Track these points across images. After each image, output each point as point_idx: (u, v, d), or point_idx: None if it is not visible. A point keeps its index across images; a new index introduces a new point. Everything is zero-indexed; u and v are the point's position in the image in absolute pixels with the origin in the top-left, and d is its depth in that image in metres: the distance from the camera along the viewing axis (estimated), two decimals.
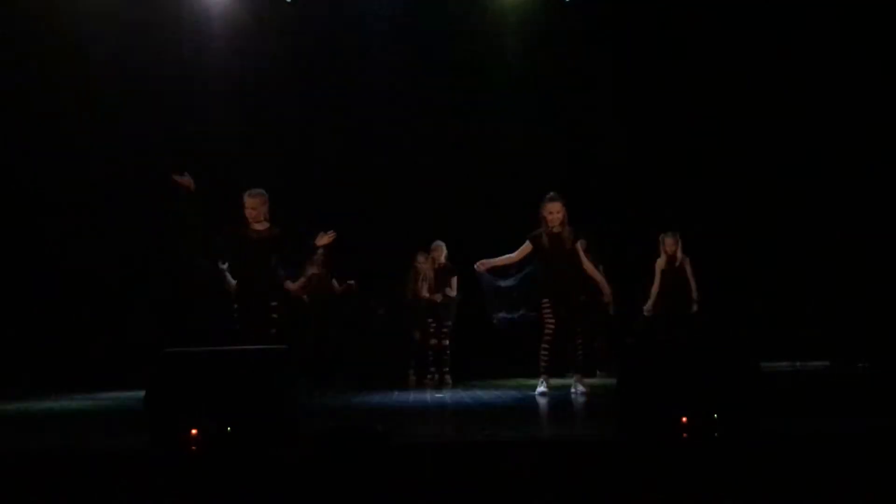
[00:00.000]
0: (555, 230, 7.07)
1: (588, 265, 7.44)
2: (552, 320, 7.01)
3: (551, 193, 7.16)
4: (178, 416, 4.16)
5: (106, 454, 4.29)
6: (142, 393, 4.32)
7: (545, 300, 7.06)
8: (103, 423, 6.28)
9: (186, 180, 6.79)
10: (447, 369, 9.16)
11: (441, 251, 9.28)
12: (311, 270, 9.08)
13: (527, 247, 7.18)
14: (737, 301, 9.94)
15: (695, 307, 8.63)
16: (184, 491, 3.89)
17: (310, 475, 3.85)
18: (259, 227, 6.94)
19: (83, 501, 3.88)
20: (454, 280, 9.21)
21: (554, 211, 7.06)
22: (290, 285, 8.94)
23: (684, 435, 4.14)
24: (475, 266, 7.29)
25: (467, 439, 4.62)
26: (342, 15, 10.44)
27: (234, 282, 7.35)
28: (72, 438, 5.16)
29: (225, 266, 7.59)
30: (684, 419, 4.15)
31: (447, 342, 9.22)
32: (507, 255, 7.29)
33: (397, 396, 7.62)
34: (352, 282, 9.35)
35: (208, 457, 4.05)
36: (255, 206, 6.89)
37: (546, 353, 7.06)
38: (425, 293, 9.19)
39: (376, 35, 10.33)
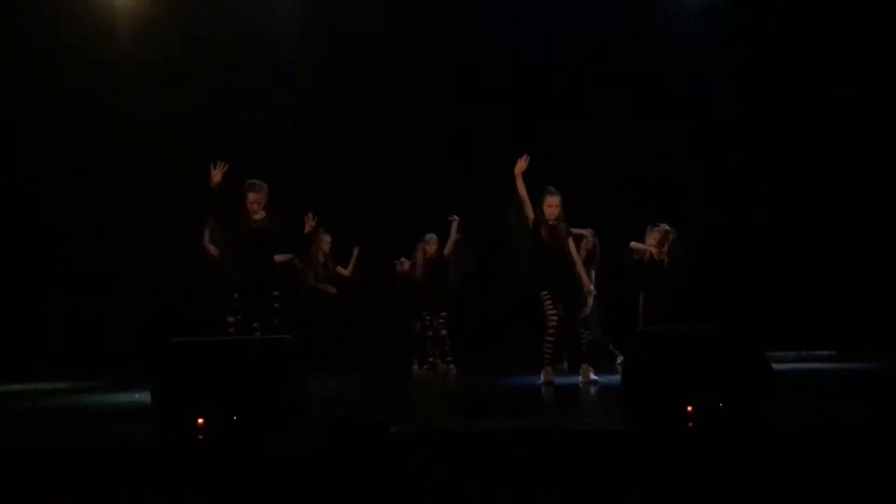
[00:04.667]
0: (551, 223, 7.13)
1: (577, 260, 7.40)
2: (554, 312, 7.04)
3: (550, 187, 7.20)
4: (185, 406, 4.17)
5: (113, 444, 4.30)
6: (148, 382, 4.33)
7: (545, 293, 7.08)
8: (110, 412, 6.30)
9: (216, 172, 6.92)
10: (450, 358, 9.16)
11: (433, 243, 9.27)
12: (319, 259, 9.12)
13: (530, 209, 7.11)
14: (743, 290, 9.92)
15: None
16: (191, 480, 3.90)
17: (311, 464, 3.86)
18: (257, 217, 7.12)
19: (90, 492, 3.89)
20: (447, 269, 9.24)
21: (553, 204, 7.13)
22: (342, 270, 9.26)
23: (690, 424, 4.14)
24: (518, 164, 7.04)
25: (471, 429, 4.63)
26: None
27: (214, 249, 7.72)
28: (79, 429, 5.18)
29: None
30: (690, 408, 4.16)
31: (445, 332, 9.21)
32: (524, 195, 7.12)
33: (402, 386, 7.63)
34: (356, 249, 9.33)
35: (215, 446, 4.07)
36: (258, 200, 7.07)
37: (550, 345, 7.08)
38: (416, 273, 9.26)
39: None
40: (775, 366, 4.39)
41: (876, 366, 8.23)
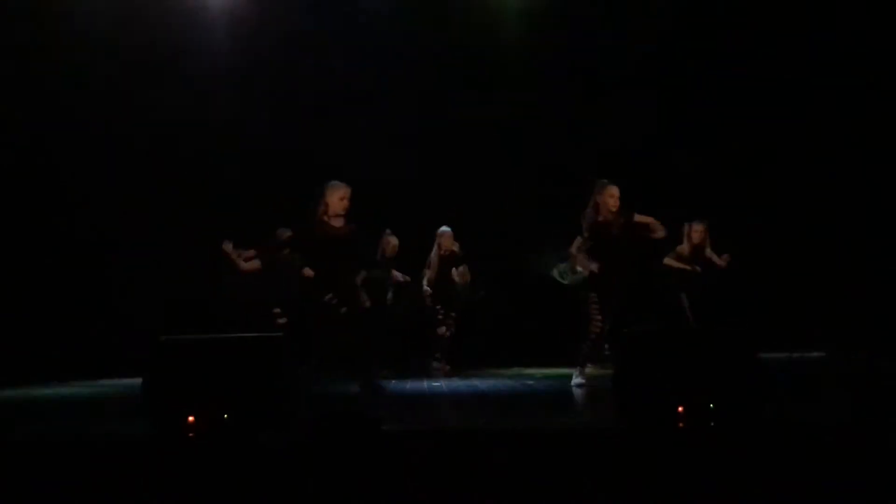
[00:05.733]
0: (609, 219, 6.83)
1: (640, 218, 6.92)
2: (599, 316, 6.77)
3: (605, 180, 6.92)
4: (176, 403, 4.17)
5: (105, 441, 4.30)
6: (140, 380, 4.33)
7: (593, 294, 6.82)
8: (102, 409, 6.29)
9: (227, 247, 7.01)
10: (438, 354, 8.86)
11: (447, 238, 8.84)
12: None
13: (583, 243, 7.02)
14: (735, 290, 9.93)
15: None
16: (182, 477, 3.90)
17: (302, 461, 3.87)
18: (336, 222, 6.58)
19: (82, 488, 3.88)
20: (462, 267, 8.85)
21: (615, 195, 6.80)
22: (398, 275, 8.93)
23: (681, 424, 4.15)
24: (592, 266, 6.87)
25: (462, 427, 4.63)
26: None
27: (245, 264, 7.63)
28: (71, 425, 5.18)
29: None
30: (681, 408, 4.17)
31: (451, 332, 8.91)
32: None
33: (408, 385, 7.60)
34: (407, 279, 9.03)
35: (206, 443, 4.07)
36: (347, 196, 6.52)
37: (588, 348, 6.85)
38: (426, 286, 8.89)
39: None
40: (766, 366, 4.40)
41: (866, 367, 8.25)
